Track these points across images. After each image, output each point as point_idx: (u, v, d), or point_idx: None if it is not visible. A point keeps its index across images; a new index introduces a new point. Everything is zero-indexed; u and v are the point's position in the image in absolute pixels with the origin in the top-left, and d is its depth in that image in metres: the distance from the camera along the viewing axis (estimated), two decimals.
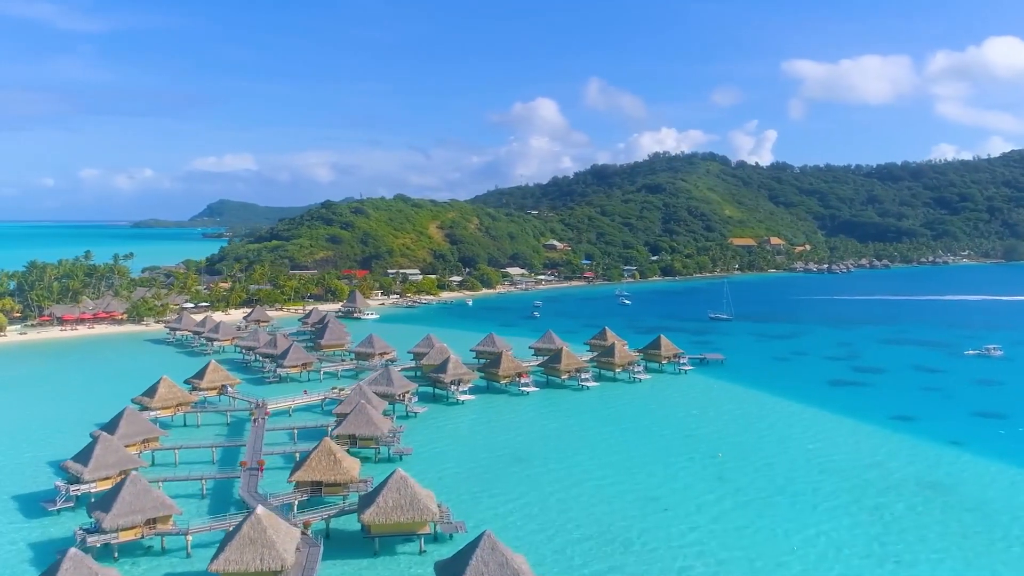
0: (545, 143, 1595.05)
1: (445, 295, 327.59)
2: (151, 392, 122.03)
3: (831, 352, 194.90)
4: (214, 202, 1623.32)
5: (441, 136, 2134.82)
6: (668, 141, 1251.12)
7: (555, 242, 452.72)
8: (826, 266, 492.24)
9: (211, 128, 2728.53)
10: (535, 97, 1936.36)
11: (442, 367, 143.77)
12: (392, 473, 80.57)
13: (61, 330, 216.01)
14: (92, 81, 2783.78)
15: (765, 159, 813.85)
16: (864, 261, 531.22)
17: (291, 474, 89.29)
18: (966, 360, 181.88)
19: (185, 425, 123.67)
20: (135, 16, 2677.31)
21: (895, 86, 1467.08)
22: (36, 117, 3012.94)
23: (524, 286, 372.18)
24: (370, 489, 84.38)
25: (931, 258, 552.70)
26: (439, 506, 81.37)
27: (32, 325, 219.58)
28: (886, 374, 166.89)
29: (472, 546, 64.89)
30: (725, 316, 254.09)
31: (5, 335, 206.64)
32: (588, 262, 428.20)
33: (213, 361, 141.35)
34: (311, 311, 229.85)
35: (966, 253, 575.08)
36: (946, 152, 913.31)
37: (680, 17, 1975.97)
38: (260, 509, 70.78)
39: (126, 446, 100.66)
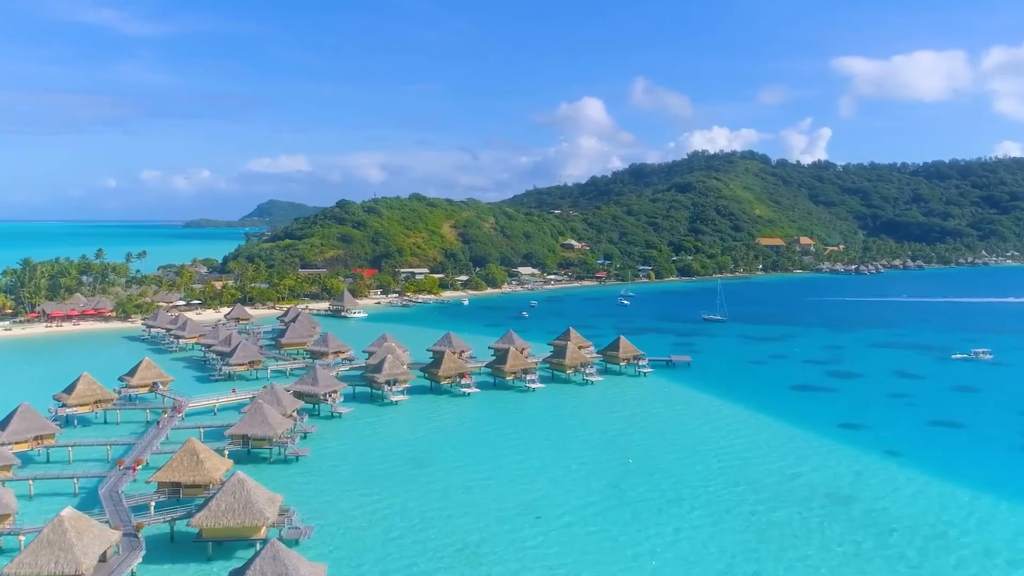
0: (593, 143, 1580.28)
1: (447, 294, 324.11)
2: (70, 389, 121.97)
3: (814, 355, 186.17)
4: (264, 202, 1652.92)
5: (489, 136, 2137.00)
6: (720, 140, 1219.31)
7: (572, 241, 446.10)
8: (854, 267, 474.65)
9: (266, 130, 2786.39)
10: (581, 97, 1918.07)
11: (378, 367, 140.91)
12: (231, 476, 77.94)
13: (46, 326, 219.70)
14: (152, 84, 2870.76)
15: (819, 157, 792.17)
16: (897, 262, 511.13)
17: (153, 474, 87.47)
18: (952, 364, 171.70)
19: (105, 423, 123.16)
20: (194, 20, 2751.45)
21: (950, 82, 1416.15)
22: (99, 120, 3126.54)
23: (531, 286, 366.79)
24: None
25: (970, 259, 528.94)
26: (283, 511, 78.45)
27: (20, 321, 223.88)
28: (859, 379, 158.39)
29: (255, 555, 61.92)
30: (718, 317, 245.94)
31: None
32: (604, 262, 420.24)
33: (147, 359, 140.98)
34: (288, 309, 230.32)
35: (1010, 254, 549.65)
36: (1010, 150, 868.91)
37: (727, 14, 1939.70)
38: (67, 511, 68.57)
39: (16, 443, 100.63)
